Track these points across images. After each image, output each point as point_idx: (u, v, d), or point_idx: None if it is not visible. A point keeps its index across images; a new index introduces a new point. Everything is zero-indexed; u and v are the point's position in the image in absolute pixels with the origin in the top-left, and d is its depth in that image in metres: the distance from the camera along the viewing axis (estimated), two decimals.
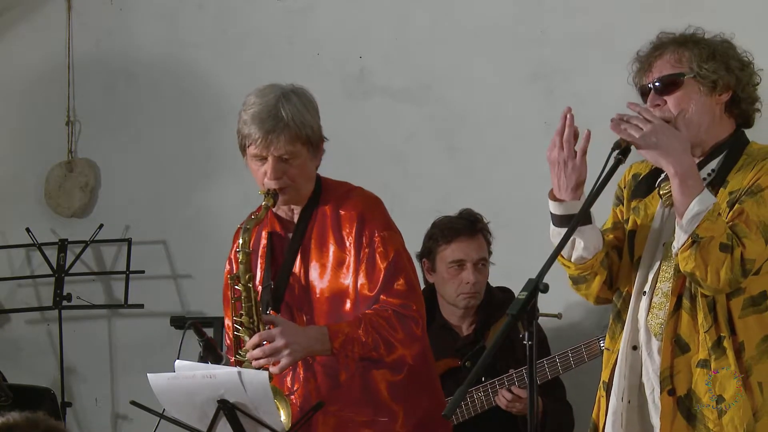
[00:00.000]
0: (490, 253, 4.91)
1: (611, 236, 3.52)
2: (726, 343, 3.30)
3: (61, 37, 6.05)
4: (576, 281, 3.51)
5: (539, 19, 5.34)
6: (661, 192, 3.45)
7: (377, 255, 3.75)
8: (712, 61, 3.39)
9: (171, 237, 5.93)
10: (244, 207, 3.83)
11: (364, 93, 5.63)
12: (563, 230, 3.30)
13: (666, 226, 3.45)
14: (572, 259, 3.44)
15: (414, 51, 5.55)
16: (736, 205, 3.30)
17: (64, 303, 5.76)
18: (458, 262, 4.81)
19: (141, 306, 5.77)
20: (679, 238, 3.26)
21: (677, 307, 3.35)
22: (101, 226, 5.87)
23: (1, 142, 6.17)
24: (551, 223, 3.41)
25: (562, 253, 3.42)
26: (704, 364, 3.32)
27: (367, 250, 3.75)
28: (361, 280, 3.76)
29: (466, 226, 4.84)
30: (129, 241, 5.84)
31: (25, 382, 5.52)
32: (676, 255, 3.29)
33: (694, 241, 3.22)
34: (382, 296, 3.73)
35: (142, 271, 5.79)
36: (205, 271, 5.67)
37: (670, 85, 3.39)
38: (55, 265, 5.82)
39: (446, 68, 5.50)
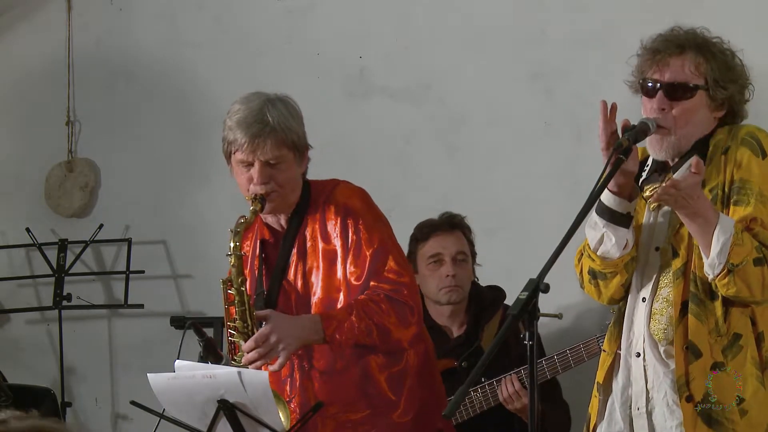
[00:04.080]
0: (474, 253, 4.90)
1: None
2: (743, 341, 3.31)
3: (61, 37, 6.05)
4: (595, 275, 3.48)
5: (539, 19, 5.34)
6: (645, 195, 3.45)
7: (363, 242, 3.75)
8: (732, 83, 3.39)
9: (171, 237, 5.92)
10: (244, 207, 3.82)
11: (364, 93, 5.62)
12: (599, 220, 3.34)
13: (656, 230, 3.45)
14: (598, 253, 3.42)
15: (414, 51, 5.55)
16: (739, 209, 3.29)
17: (64, 303, 5.76)
18: (436, 256, 4.81)
19: (141, 306, 5.77)
20: (714, 269, 3.26)
21: (683, 313, 3.34)
22: (101, 226, 5.86)
23: (1, 142, 6.17)
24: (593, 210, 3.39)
25: (590, 245, 3.43)
26: (720, 366, 3.32)
27: (353, 237, 3.76)
28: (350, 268, 3.77)
29: (443, 222, 4.86)
30: (129, 241, 5.84)
31: (25, 382, 5.52)
32: (713, 281, 3.29)
33: (730, 270, 3.23)
34: (372, 282, 3.74)
35: (142, 271, 5.79)
36: (205, 271, 5.67)
37: (681, 92, 3.37)
38: (55, 265, 5.81)
39: (446, 68, 5.49)
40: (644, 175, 3.46)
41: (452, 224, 4.85)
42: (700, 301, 3.32)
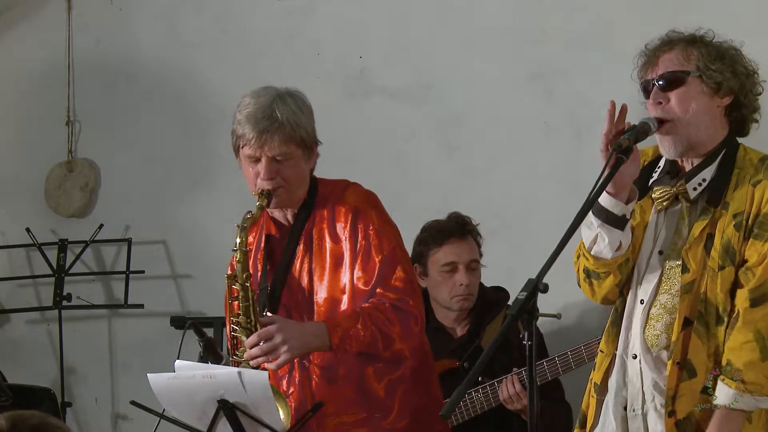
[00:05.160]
0: (480, 255, 4.90)
1: None
2: None
3: (61, 37, 6.05)
4: (589, 274, 3.48)
5: (539, 19, 5.34)
6: (653, 195, 3.44)
7: (372, 248, 3.74)
8: (719, 62, 3.37)
9: (171, 237, 5.93)
10: (244, 207, 3.82)
11: (364, 93, 5.63)
12: (594, 220, 3.33)
13: (661, 234, 3.43)
14: (592, 252, 3.42)
15: (414, 51, 5.55)
16: (757, 243, 3.28)
17: (64, 303, 5.76)
18: (450, 264, 4.80)
19: (141, 306, 5.77)
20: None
21: (685, 327, 3.33)
22: (101, 226, 5.87)
23: (1, 142, 6.17)
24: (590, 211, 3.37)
25: (585, 244, 3.42)
26: (708, 392, 3.30)
27: (363, 242, 3.75)
28: (357, 273, 3.76)
29: (456, 229, 4.84)
30: (129, 241, 5.84)
31: (25, 382, 5.52)
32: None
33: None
34: (378, 289, 3.73)
35: (142, 271, 5.79)
36: (205, 271, 5.68)
37: (674, 81, 3.37)
38: (55, 265, 5.81)
39: (446, 68, 5.50)
40: (655, 176, 3.45)
41: (465, 231, 4.84)
42: (706, 324, 3.31)
